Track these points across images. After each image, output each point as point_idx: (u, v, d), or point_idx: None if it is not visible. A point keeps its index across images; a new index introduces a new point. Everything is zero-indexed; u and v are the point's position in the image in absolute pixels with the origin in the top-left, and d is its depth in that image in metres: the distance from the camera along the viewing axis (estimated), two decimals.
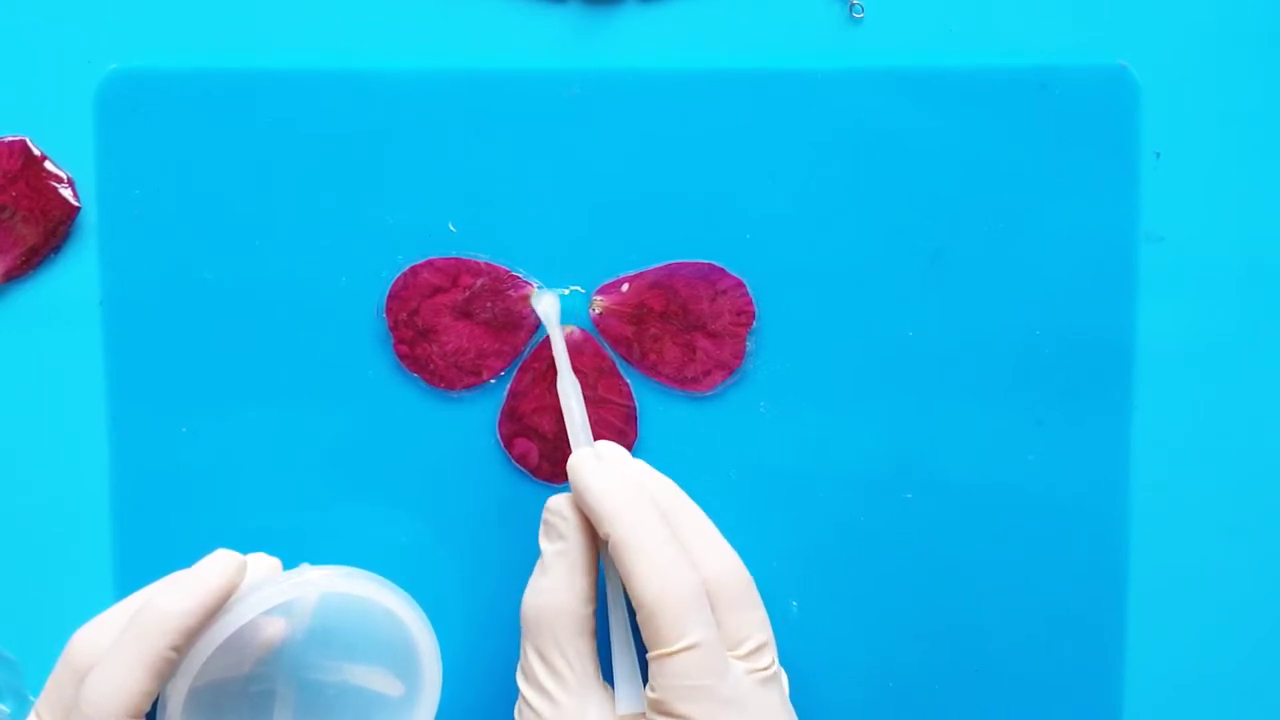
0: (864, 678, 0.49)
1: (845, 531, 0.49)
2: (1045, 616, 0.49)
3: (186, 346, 0.48)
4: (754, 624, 0.42)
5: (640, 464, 0.45)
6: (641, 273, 0.48)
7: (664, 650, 0.40)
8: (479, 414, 0.49)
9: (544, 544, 0.44)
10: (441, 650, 0.46)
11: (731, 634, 0.41)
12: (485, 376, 0.49)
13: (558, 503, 0.44)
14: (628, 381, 0.49)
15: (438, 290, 0.48)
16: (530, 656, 0.43)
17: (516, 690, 0.44)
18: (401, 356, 0.48)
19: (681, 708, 0.39)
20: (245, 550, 0.49)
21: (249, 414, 0.49)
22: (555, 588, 0.42)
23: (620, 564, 0.41)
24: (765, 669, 0.41)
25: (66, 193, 0.48)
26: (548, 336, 0.48)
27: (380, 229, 0.48)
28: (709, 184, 0.48)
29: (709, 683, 0.39)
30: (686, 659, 0.39)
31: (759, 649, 0.41)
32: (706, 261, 0.48)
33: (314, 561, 0.45)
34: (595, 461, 0.43)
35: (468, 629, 0.49)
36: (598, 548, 0.43)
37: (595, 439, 0.49)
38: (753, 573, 0.49)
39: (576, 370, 0.48)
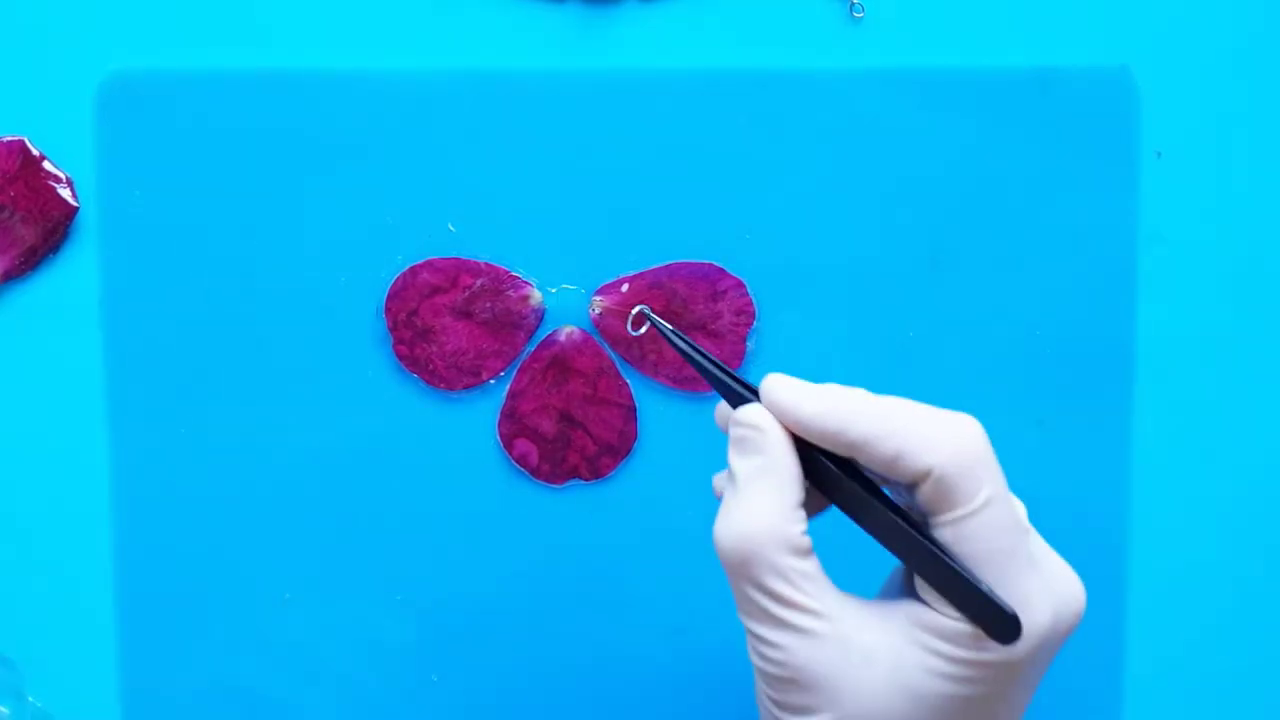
0: None
1: (844, 530, 0.49)
2: None
3: (186, 346, 0.48)
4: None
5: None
6: (641, 273, 0.48)
7: (963, 511, 0.35)
8: (478, 414, 0.49)
9: (738, 462, 0.37)
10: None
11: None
12: (485, 377, 0.49)
13: (751, 414, 0.37)
14: (628, 381, 0.49)
15: (437, 290, 0.48)
16: (750, 593, 0.36)
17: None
18: (401, 357, 0.48)
19: (994, 573, 0.35)
20: (244, 549, 0.49)
21: (248, 414, 0.49)
22: (760, 510, 0.36)
23: (886, 458, 0.36)
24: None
25: (65, 193, 0.48)
26: (548, 336, 0.48)
27: (380, 229, 0.48)
28: (709, 184, 0.48)
29: (1013, 541, 0.35)
30: (983, 517, 0.35)
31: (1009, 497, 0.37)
32: (706, 261, 0.48)
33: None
34: (789, 380, 0.37)
35: (468, 629, 0.49)
36: (801, 464, 0.37)
37: (595, 439, 0.49)
38: None
39: (576, 370, 0.48)
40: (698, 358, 0.39)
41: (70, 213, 0.48)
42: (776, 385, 0.37)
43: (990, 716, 0.36)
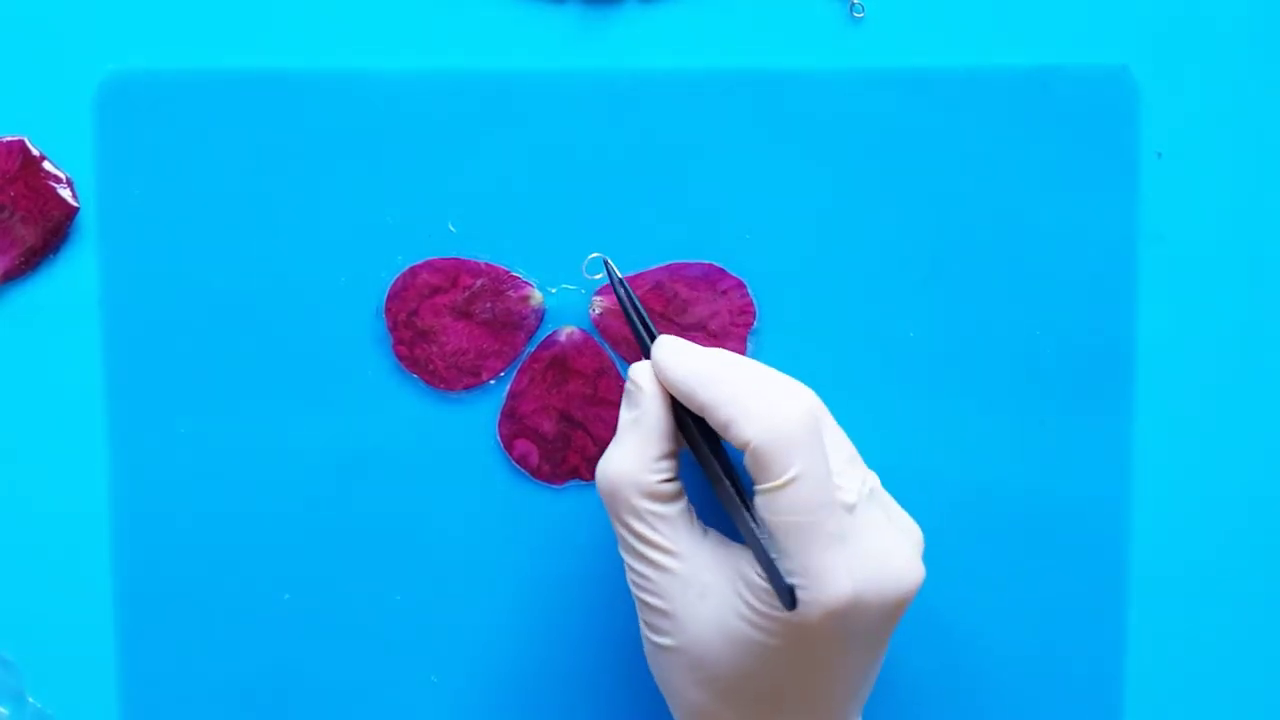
0: None
1: None
2: (1045, 616, 0.49)
3: (186, 347, 0.48)
4: (837, 443, 0.41)
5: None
6: (642, 273, 0.48)
7: (768, 485, 0.39)
8: (478, 415, 0.49)
9: (622, 412, 0.43)
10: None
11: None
12: (485, 377, 0.49)
13: (636, 371, 0.43)
14: None
15: (437, 291, 0.48)
16: (618, 528, 0.42)
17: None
18: (401, 357, 0.48)
19: (789, 544, 0.39)
20: (244, 549, 0.49)
21: (248, 414, 0.48)
22: (623, 455, 0.41)
23: (720, 424, 0.40)
24: (858, 490, 0.41)
25: (65, 193, 0.48)
26: (548, 336, 0.48)
27: (379, 229, 0.48)
28: (709, 184, 0.48)
29: (813, 518, 0.39)
30: (787, 493, 0.39)
31: (842, 471, 0.41)
32: (707, 262, 0.48)
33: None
34: (673, 342, 0.42)
35: (468, 629, 0.49)
36: (674, 422, 0.42)
37: (596, 439, 0.49)
38: None
39: (577, 370, 0.48)
40: (631, 313, 0.45)
41: (70, 213, 0.48)
42: (659, 346, 0.42)
43: (804, 673, 0.40)
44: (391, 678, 0.49)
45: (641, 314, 0.45)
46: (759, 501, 0.39)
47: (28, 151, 0.48)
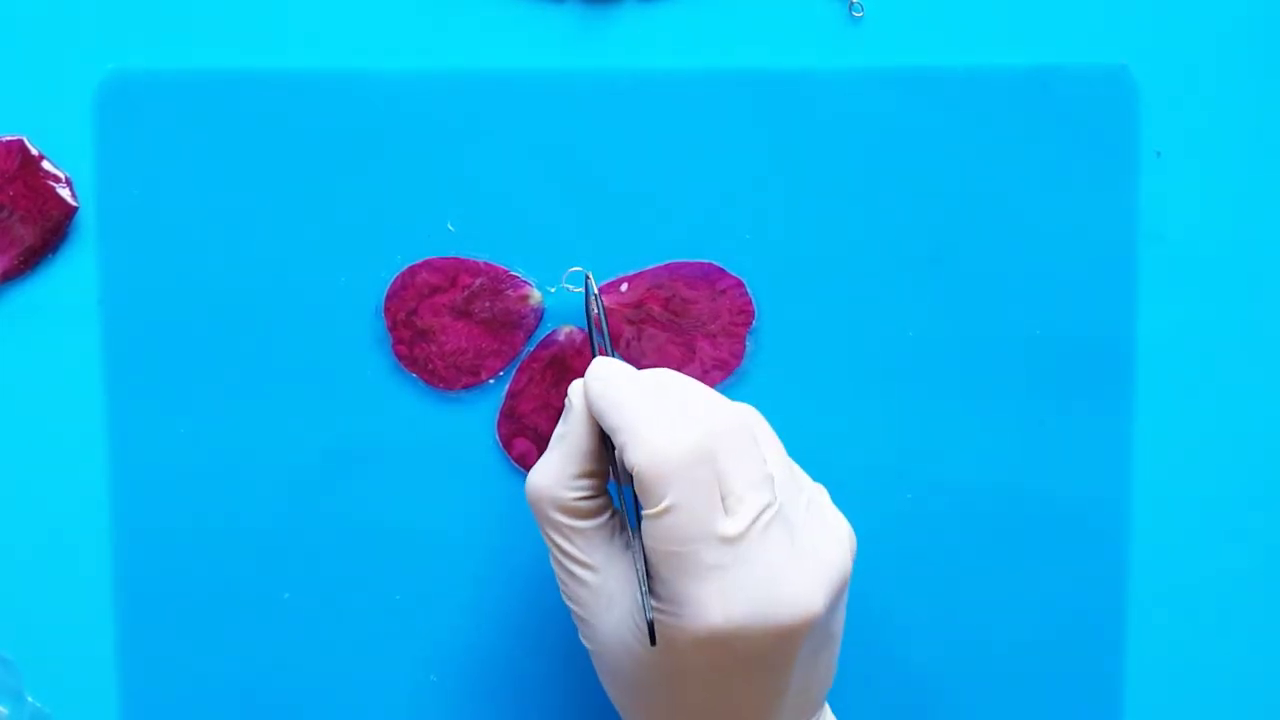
0: (864, 677, 0.49)
1: None
2: (1046, 616, 0.49)
3: (185, 346, 0.48)
4: (740, 471, 0.40)
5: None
6: (641, 272, 0.48)
7: (646, 512, 0.39)
8: (478, 414, 0.49)
9: (557, 425, 0.44)
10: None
11: (721, 487, 0.40)
12: (484, 376, 0.49)
13: (572, 389, 0.43)
14: None
15: (436, 290, 0.48)
16: (543, 536, 0.43)
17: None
18: (400, 356, 0.48)
19: (664, 571, 0.39)
20: (243, 549, 0.49)
21: (248, 414, 0.48)
22: (546, 470, 0.42)
23: (618, 449, 0.40)
24: (754, 519, 0.40)
25: (64, 192, 0.48)
26: (547, 336, 0.48)
27: (379, 229, 0.48)
28: (709, 184, 0.48)
29: (688, 548, 0.39)
30: (663, 522, 0.39)
31: (742, 499, 0.40)
32: (706, 261, 0.48)
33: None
34: (605, 365, 0.43)
35: (468, 629, 0.49)
36: (600, 442, 0.43)
37: None
38: None
39: (576, 370, 0.48)
40: (594, 331, 0.46)
41: (69, 212, 0.48)
42: (591, 367, 0.43)
43: (703, 693, 0.41)
44: (391, 677, 0.49)
45: (605, 335, 0.46)
46: (643, 528, 0.40)
47: (27, 151, 0.48)
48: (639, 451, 0.39)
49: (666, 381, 0.42)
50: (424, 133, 0.48)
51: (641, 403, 0.41)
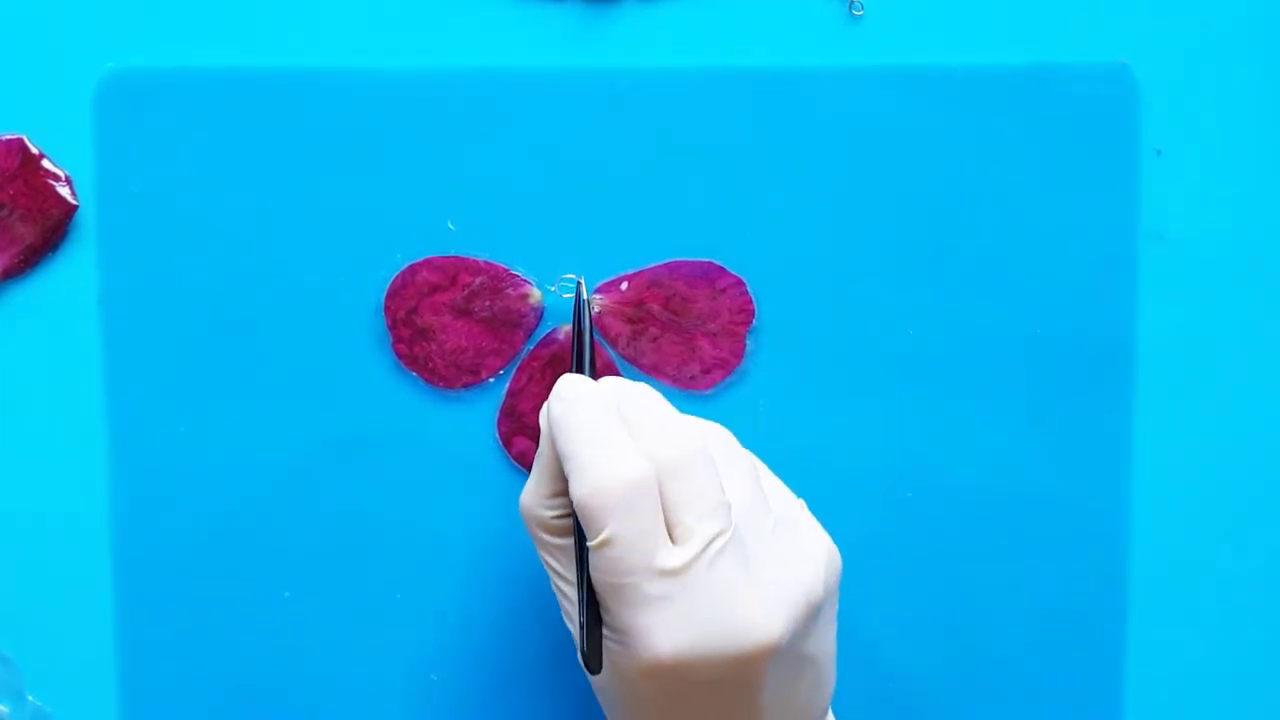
0: (864, 677, 0.49)
1: (845, 531, 0.49)
2: (1045, 616, 0.49)
3: (185, 346, 0.48)
4: (690, 500, 0.40)
5: (609, 379, 0.43)
6: (641, 271, 0.48)
7: (588, 543, 0.40)
8: (478, 413, 0.49)
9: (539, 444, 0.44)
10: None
11: (670, 516, 0.40)
12: (484, 375, 0.49)
13: (542, 410, 0.43)
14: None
15: (436, 289, 0.48)
16: (540, 551, 0.44)
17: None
18: (400, 355, 0.48)
19: (609, 601, 0.39)
20: (243, 548, 0.49)
21: (248, 413, 0.48)
22: (527, 490, 0.43)
23: (567, 477, 0.41)
24: (702, 550, 0.39)
25: (64, 191, 0.48)
26: (547, 334, 0.48)
27: (379, 228, 0.48)
28: (709, 183, 0.48)
29: (629, 580, 0.39)
30: (604, 554, 0.39)
31: (692, 530, 0.40)
32: (706, 260, 0.48)
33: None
34: (569, 385, 0.42)
35: (468, 629, 0.49)
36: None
37: None
38: None
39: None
40: (577, 340, 0.46)
41: (69, 211, 0.48)
42: (557, 386, 0.42)
43: (674, 717, 0.40)
44: (391, 677, 0.49)
45: (588, 346, 0.46)
46: (588, 559, 0.40)
47: (27, 150, 0.48)
48: (581, 483, 0.39)
49: (626, 402, 0.42)
50: (424, 132, 0.48)
51: (592, 430, 0.40)
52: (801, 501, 0.44)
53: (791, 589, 0.40)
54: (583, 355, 0.45)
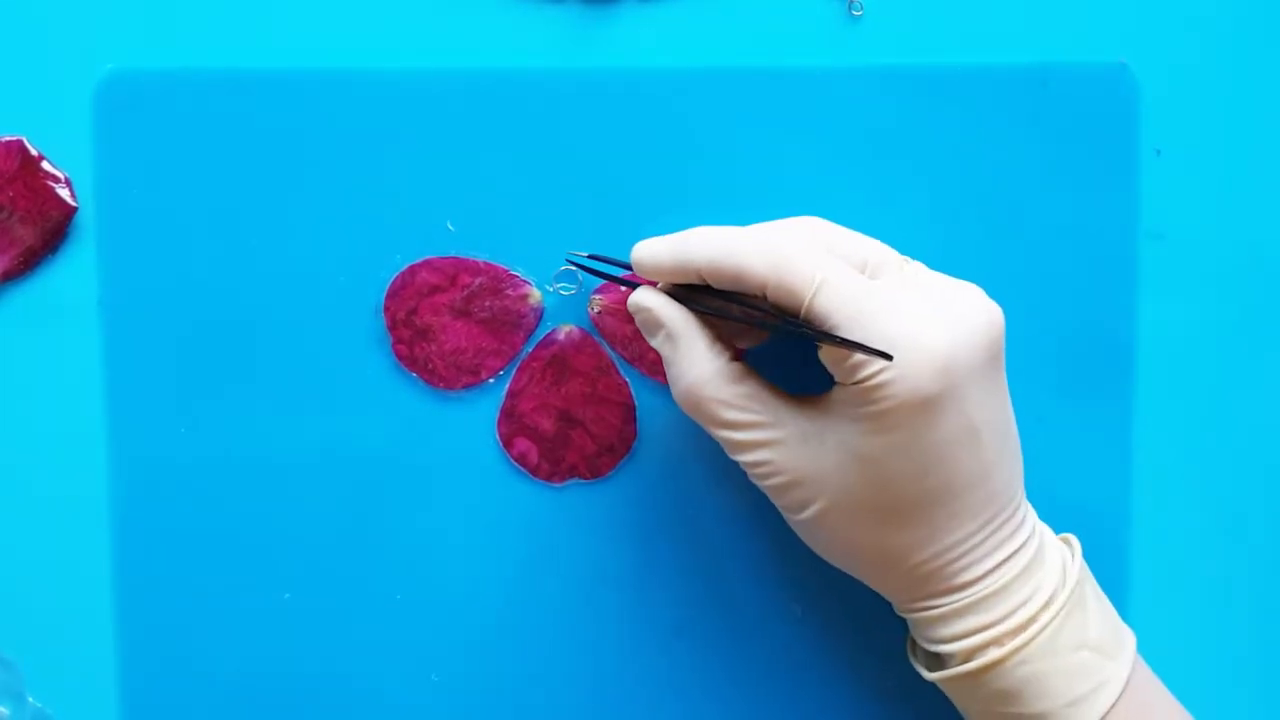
0: (865, 677, 0.49)
1: None
2: None
3: (185, 347, 0.48)
4: (856, 245, 0.43)
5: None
6: None
7: (804, 302, 0.40)
8: (478, 414, 0.49)
9: (653, 341, 0.44)
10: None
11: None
12: (484, 376, 0.49)
13: (636, 298, 0.44)
14: (627, 381, 0.49)
15: (436, 289, 0.48)
16: (720, 432, 0.43)
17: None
18: (400, 356, 0.48)
19: (868, 326, 0.40)
20: (243, 549, 0.49)
21: (248, 414, 0.48)
22: (687, 364, 0.42)
23: (731, 282, 0.41)
24: (903, 264, 0.43)
25: (64, 193, 0.48)
26: (547, 335, 0.48)
27: (378, 228, 0.48)
28: (709, 184, 0.48)
29: (862, 305, 0.40)
30: (825, 297, 0.40)
31: (878, 262, 0.43)
32: None
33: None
34: (648, 246, 0.43)
35: (467, 629, 0.49)
36: (703, 318, 0.43)
37: (595, 438, 0.49)
38: (754, 573, 0.49)
39: (576, 369, 0.48)
40: (603, 267, 0.46)
41: (69, 213, 0.48)
42: (639, 251, 0.43)
43: (947, 452, 0.41)
44: (391, 677, 0.49)
45: (611, 265, 0.46)
46: (810, 319, 0.40)
47: (26, 151, 0.48)
48: (759, 267, 0.41)
49: (705, 228, 0.43)
50: (424, 132, 0.48)
51: (720, 235, 0.42)
52: None
53: (973, 289, 0.43)
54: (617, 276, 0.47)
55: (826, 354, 0.41)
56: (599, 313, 0.48)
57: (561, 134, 0.48)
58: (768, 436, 0.42)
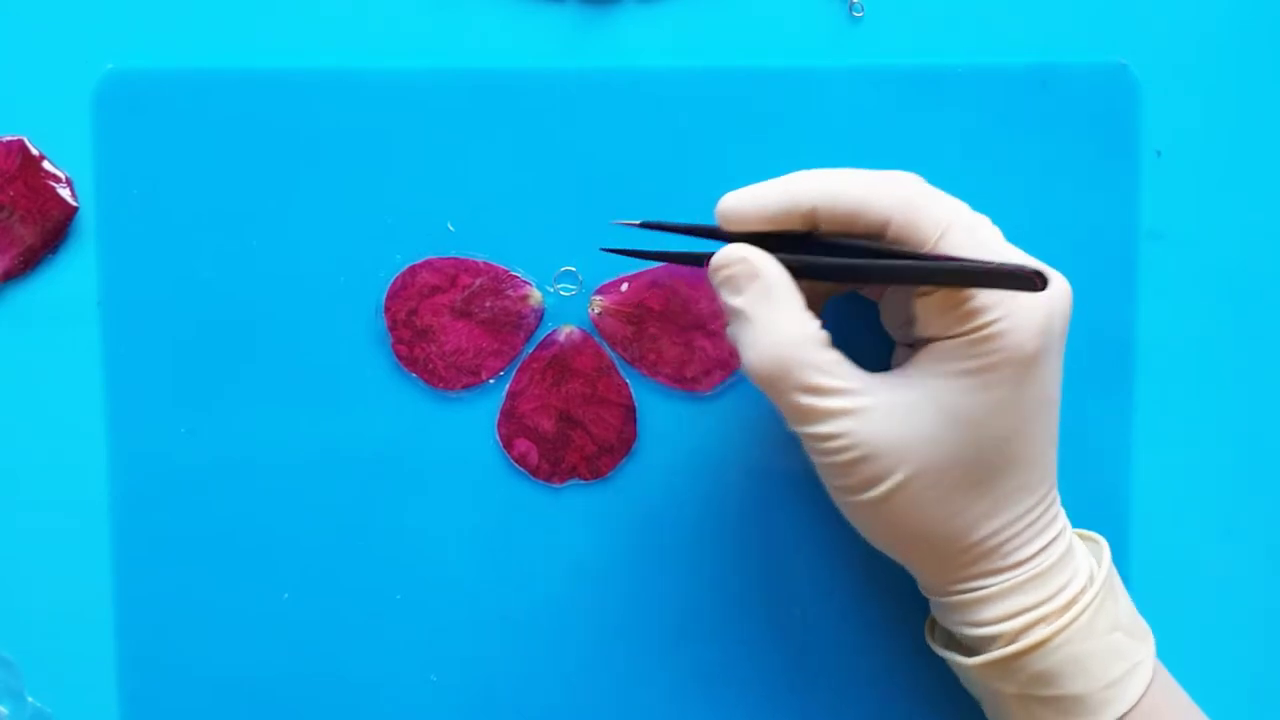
0: (866, 677, 0.49)
1: (846, 531, 0.49)
2: None
3: (185, 347, 0.48)
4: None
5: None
6: (641, 272, 0.48)
7: (929, 243, 0.40)
8: (478, 414, 0.49)
9: (737, 299, 0.41)
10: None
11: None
12: (484, 376, 0.49)
13: (726, 254, 0.41)
14: (628, 381, 0.49)
15: (436, 290, 0.48)
16: (797, 399, 0.40)
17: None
18: (400, 356, 0.48)
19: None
20: (243, 549, 0.49)
21: (248, 414, 0.48)
22: (780, 324, 0.40)
23: (844, 221, 0.41)
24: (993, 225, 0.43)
25: (64, 193, 0.48)
26: (547, 336, 0.48)
27: (379, 229, 0.48)
28: (709, 184, 0.48)
29: (987, 252, 0.40)
30: (952, 239, 0.40)
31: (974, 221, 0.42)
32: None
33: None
34: (735, 194, 0.42)
35: (467, 629, 0.49)
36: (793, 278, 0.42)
37: (595, 438, 0.49)
38: (755, 573, 0.49)
39: (576, 370, 0.48)
40: (671, 230, 0.44)
41: (69, 212, 0.48)
42: (730, 199, 0.42)
43: (1033, 410, 0.41)
44: (391, 678, 0.49)
45: (682, 229, 0.44)
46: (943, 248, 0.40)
47: (27, 151, 0.48)
48: (883, 203, 0.40)
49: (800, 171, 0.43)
50: (424, 133, 0.48)
51: (828, 175, 0.41)
52: None
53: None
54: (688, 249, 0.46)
55: (929, 306, 0.41)
56: (600, 314, 0.48)
57: (561, 134, 0.48)
58: (854, 404, 0.40)
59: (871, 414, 0.40)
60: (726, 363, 0.49)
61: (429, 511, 0.49)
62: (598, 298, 0.48)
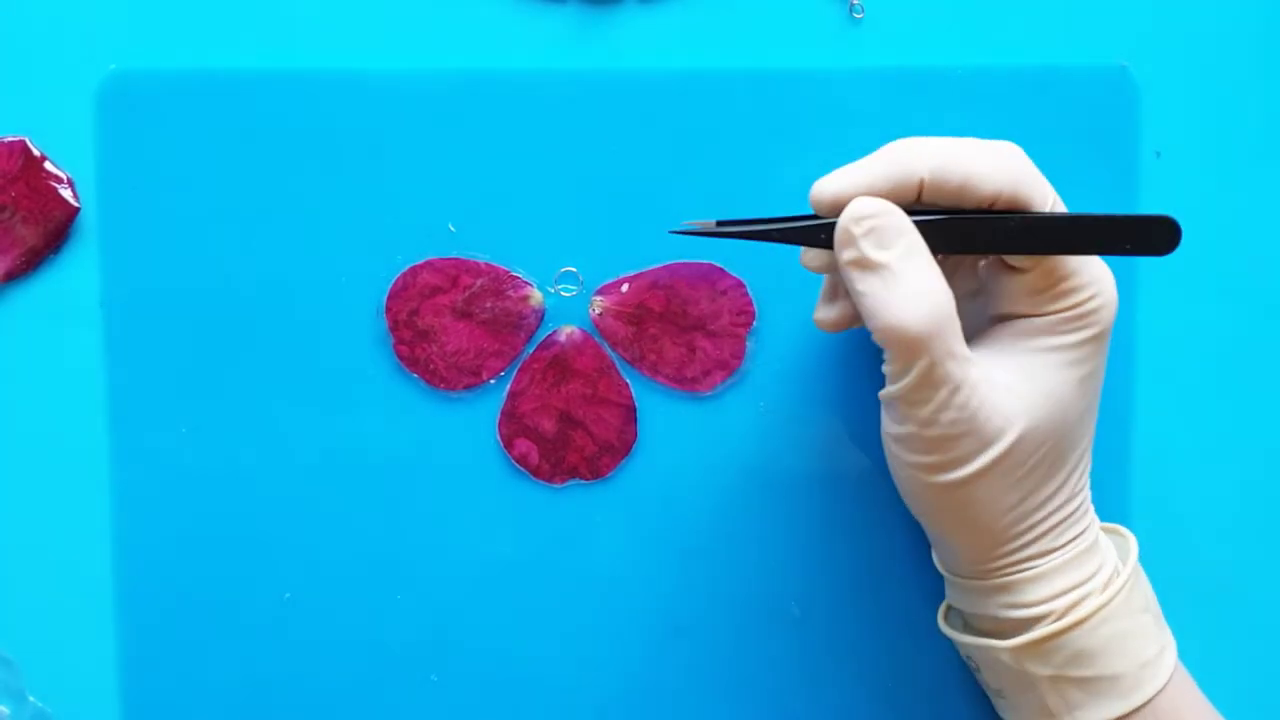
0: (867, 677, 0.49)
1: (846, 531, 0.49)
2: None
3: (187, 347, 0.48)
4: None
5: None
6: (641, 273, 0.48)
7: (1036, 210, 0.40)
8: (479, 414, 0.49)
9: (881, 254, 0.39)
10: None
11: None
12: (485, 377, 0.49)
13: (870, 204, 0.39)
14: (628, 381, 0.49)
15: (437, 290, 0.48)
16: (943, 363, 0.39)
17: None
18: (401, 357, 0.48)
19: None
20: (244, 549, 0.49)
21: (249, 414, 0.49)
22: (936, 285, 0.39)
23: (954, 190, 0.39)
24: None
25: (66, 193, 0.48)
26: (548, 336, 0.48)
27: (380, 229, 0.48)
28: (709, 184, 0.48)
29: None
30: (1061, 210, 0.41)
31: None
32: (706, 261, 0.48)
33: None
34: (836, 173, 0.40)
35: (467, 629, 0.49)
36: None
37: (595, 437, 0.49)
38: (753, 573, 0.49)
39: (577, 370, 0.48)
40: (759, 228, 0.41)
41: (71, 213, 0.48)
42: (830, 185, 0.40)
43: (1099, 386, 0.42)
44: (391, 678, 0.49)
45: (777, 226, 0.41)
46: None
47: (29, 152, 0.48)
48: (996, 173, 0.40)
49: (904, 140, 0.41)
50: (424, 133, 0.48)
51: (936, 144, 0.41)
52: None
53: None
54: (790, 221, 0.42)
55: (1021, 284, 0.41)
56: (600, 314, 0.48)
57: (561, 134, 0.48)
58: (978, 375, 0.39)
59: (983, 386, 0.39)
60: (727, 363, 0.49)
61: (430, 511, 0.49)
62: (598, 298, 0.48)
